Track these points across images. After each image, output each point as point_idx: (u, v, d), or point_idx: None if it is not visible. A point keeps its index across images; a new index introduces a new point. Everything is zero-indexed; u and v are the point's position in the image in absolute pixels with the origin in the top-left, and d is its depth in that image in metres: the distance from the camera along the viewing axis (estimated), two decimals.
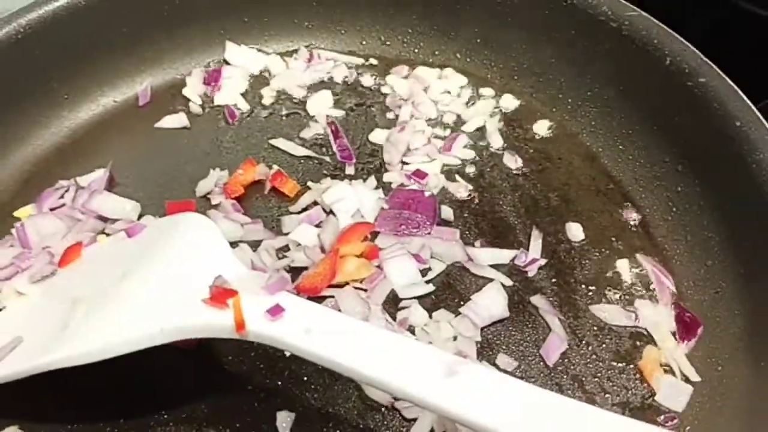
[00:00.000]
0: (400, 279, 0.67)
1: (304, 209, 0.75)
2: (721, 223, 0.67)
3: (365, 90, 0.91)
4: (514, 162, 0.80)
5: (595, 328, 0.65)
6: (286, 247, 0.71)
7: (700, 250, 0.68)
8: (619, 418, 0.46)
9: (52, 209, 0.74)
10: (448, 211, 0.75)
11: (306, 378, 0.61)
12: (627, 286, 0.69)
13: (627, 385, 0.62)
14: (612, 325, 0.66)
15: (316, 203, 0.75)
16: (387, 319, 0.64)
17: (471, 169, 0.80)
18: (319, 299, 0.65)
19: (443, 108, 0.87)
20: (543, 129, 0.84)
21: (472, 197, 0.77)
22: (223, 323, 0.51)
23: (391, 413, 0.59)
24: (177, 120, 0.86)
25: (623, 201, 0.76)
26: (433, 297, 0.67)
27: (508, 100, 0.88)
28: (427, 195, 0.75)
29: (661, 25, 0.74)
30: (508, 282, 0.68)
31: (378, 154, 0.82)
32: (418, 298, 0.67)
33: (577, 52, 0.82)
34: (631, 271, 0.70)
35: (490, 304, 0.66)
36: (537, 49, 0.86)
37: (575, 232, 0.73)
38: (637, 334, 0.65)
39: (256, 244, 0.71)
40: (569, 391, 0.61)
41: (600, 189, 0.78)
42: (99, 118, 0.87)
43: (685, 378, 0.61)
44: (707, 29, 0.84)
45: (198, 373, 0.62)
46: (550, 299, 0.67)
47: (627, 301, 0.67)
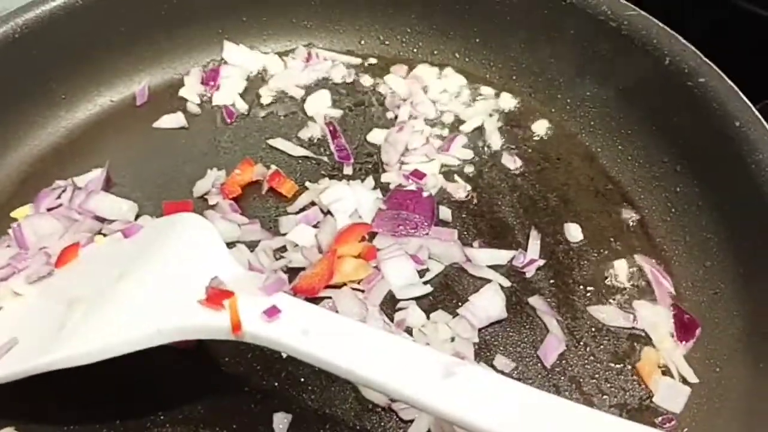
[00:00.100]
0: (398, 280, 0.67)
1: (301, 209, 0.75)
2: (720, 223, 0.67)
3: (364, 90, 0.90)
4: (513, 162, 0.80)
5: (593, 329, 0.65)
6: (284, 248, 0.71)
7: (699, 250, 0.68)
8: (616, 420, 0.46)
9: (49, 209, 0.74)
10: (446, 212, 0.74)
11: (303, 379, 0.61)
12: (625, 287, 0.68)
13: (625, 386, 0.61)
14: (610, 326, 0.65)
15: (313, 203, 0.75)
16: (384, 320, 0.64)
17: (469, 170, 0.80)
18: (316, 300, 0.65)
19: (442, 108, 0.87)
20: (542, 129, 0.84)
21: (470, 197, 0.77)
22: (220, 324, 0.51)
23: (388, 414, 0.59)
24: (175, 120, 0.86)
25: (622, 201, 0.76)
26: (430, 298, 0.67)
27: (507, 100, 0.88)
28: (425, 195, 0.75)
29: (661, 24, 0.74)
30: (506, 283, 0.68)
31: (376, 154, 0.82)
32: (416, 299, 0.67)
33: (576, 51, 0.82)
34: (629, 271, 0.70)
35: (488, 305, 0.66)
36: (536, 48, 0.86)
37: (574, 232, 0.73)
38: (635, 335, 0.65)
39: (253, 245, 0.71)
40: (567, 393, 0.61)
41: (599, 189, 0.77)
42: (96, 118, 0.87)
43: (683, 379, 0.61)
44: (706, 29, 0.83)
45: (195, 374, 0.62)
46: (548, 300, 0.67)
47: (625, 302, 0.67)
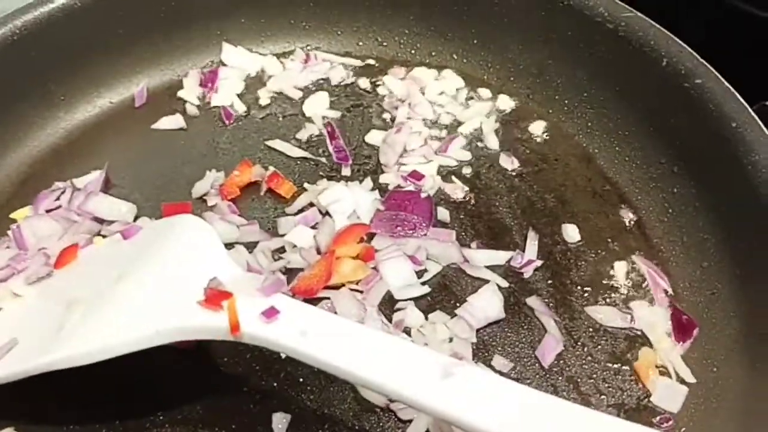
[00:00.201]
0: (396, 280, 0.67)
1: (300, 211, 0.75)
2: (717, 224, 0.67)
3: (362, 91, 0.90)
4: (511, 163, 0.81)
5: (591, 330, 0.65)
6: (282, 249, 0.71)
7: (696, 251, 0.68)
8: (614, 420, 0.46)
9: (48, 211, 0.74)
10: (444, 213, 0.75)
11: (302, 380, 0.61)
12: (623, 288, 0.69)
13: (622, 386, 0.62)
14: (607, 327, 0.66)
15: (312, 205, 0.75)
16: (383, 321, 0.64)
17: (467, 171, 0.80)
18: (314, 301, 0.65)
19: (440, 109, 0.87)
20: (539, 130, 0.84)
21: (468, 198, 0.77)
22: (218, 325, 0.51)
23: (386, 415, 0.59)
24: (173, 121, 0.86)
25: (619, 202, 0.76)
26: (428, 298, 0.67)
27: (505, 101, 0.88)
28: (423, 196, 0.75)
29: (658, 26, 0.74)
30: (504, 283, 0.68)
31: (374, 155, 0.82)
32: (414, 299, 0.67)
33: (573, 53, 0.82)
34: (627, 272, 0.70)
35: (486, 305, 0.66)
36: (533, 50, 0.86)
37: (571, 233, 0.73)
38: (632, 336, 0.65)
39: (252, 246, 0.71)
40: (564, 393, 0.61)
41: (596, 190, 0.78)
42: (95, 120, 0.87)
43: (680, 379, 0.61)
44: (702, 30, 0.83)
45: (194, 374, 0.62)
46: (546, 301, 0.67)
47: (623, 302, 0.67)
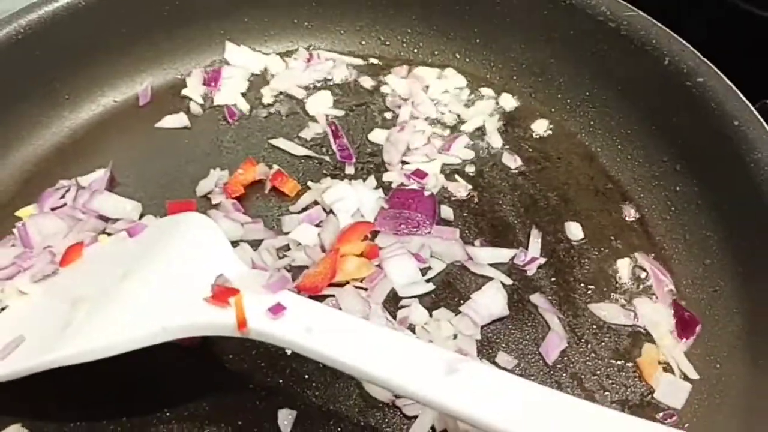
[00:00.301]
0: (401, 278, 0.68)
1: (304, 209, 0.75)
2: (720, 222, 0.67)
3: (365, 90, 0.91)
4: (514, 161, 0.81)
5: (594, 327, 0.66)
6: (287, 247, 0.71)
7: (699, 249, 0.69)
8: (619, 414, 0.46)
9: (53, 209, 0.74)
10: (447, 211, 0.75)
11: (307, 376, 0.62)
12: (626, 285, 0.69)
13: (626, 382, 0.62)
14: (611, 324, 0.66)
15: (316, 203, 0.76)
16: (387, 318, 0.65)
17: (470, 169, 0.80)
18: (319, 298, 0.65)
19: (443, 108, 0.88)
20: (542, 129, 0.85)
21: (471, 197, 0.77)
22: (225, 322, 0.52)
23: (392, 411, 0.59)
24: (177, 120, 0.87)
25: (622, 200, 0.77)
26: (433, 296, 0.68)
27: (507, 100, 0.88)
28: (426, 194, 0.75)
29: (660, 25, 0.75)
30: (508, 281, 0.69)
31: (378, 153, 0.82)
32: (419, 297, 0.67)
33: (575, 52, 0.83)
34: (630, 269, 0.70)
35: (490, 302, 0.66)
36: (536, 49, 0.87)
37: (574, 231, 0.73)
38: (636, 333, 0.65)
39: (256, 244, 0.71)
40: (568, 389, 0.61)
41: (599, 188, 0.78)
42: (99, 118, 0.88)
43: (683, 376, 0.62)
44: (704, 29, 0.84)
45: (199, 371, 0.62)
46: (550, 298, 0.68)
47: (626, 299, 0.68)
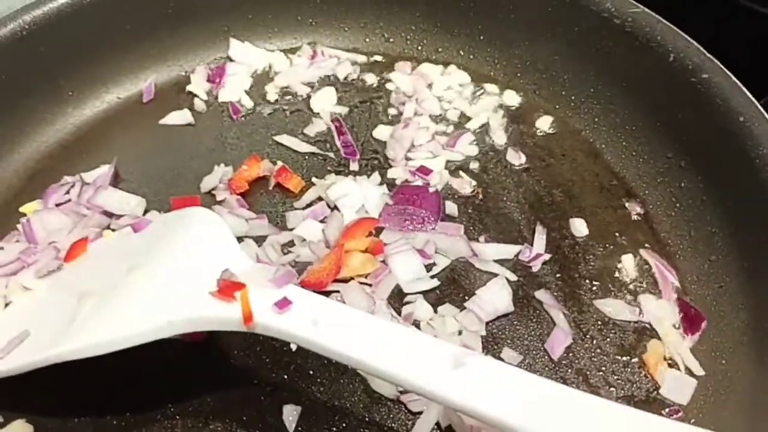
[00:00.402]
0: (405, 274, 0.68)
1: (308, 205, 0.75)
2: (725, 218, 0.67)
3: (369, 87, 0.91)
4: (518, 158, 0.81)
5: (600, 323, 0.66)
6: (291, 243, 0.71)
7: (704, 245, 0.68)
8: (625, 408, 0.46)
9: (57, 205, 0.74)
10: (452, 207, 0.75)
11: (312, 372, 0.62)
12: (631, 281, 0.69)
13: (631, 378, 0.62)
14: (616, 320, 0.66)
15: (320, 199, 0.76)
16: (392, 314, 0.65)
17: (475, 165, 0.80)
18: (324, 294, 0.64)
19: (447, 105, 0.88)
20: (546, 125, 0.85)
21: (476, 193, 0.77)
22: (231, 316, 0.51)
23: (397, 406, 0.59)
24: (181, 116, 0.87)
25: (627, 197, 0.76)
26: (437, 292, 0.68)
27: (511, 97, 0.88)
28: (431, 191, 0.75)
29: (665, 21, 0.74)
30: (513, 277, 0.69)
31: (382, 150, 0.82)
32: (423, 293, 0.67)
33: (580, 48, 0.82)
34: (634, 266, 0.70)
35: (495, 298, 0.66)
36: (540, 45, 0.87)
37: (579, 227, 0.73)
38: (641, 329, 0.65)
39: (261, 240, 0.71)
40: (574, 385, 0.61)
41: (603, 185, 0.78)
42: (104, 115, 0.88)
43: (689, 372, 0.62)
44: (709, 26, 0.84)
45: (204, 367, 0.62)
46: (555, 294, 0.67)
47: (631, 295, 0.68)
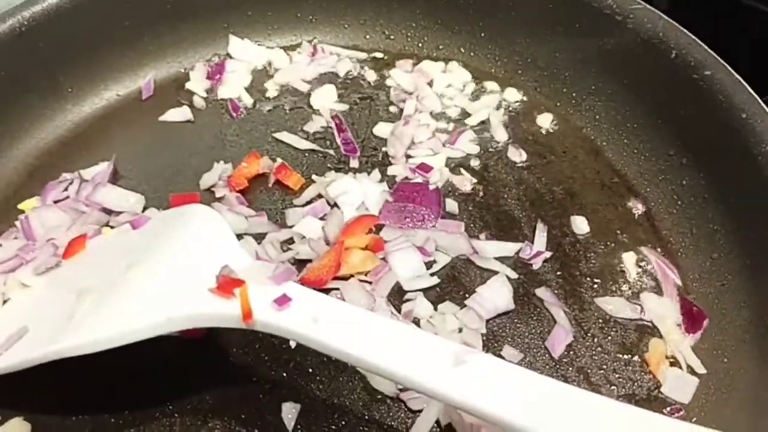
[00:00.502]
0: (405, 271, 0.67)
1: (308, 202, 0.75)
2: (727, 215, 0.67)
3: (369, 84, 0.91)
4: (519, 155, 0.80)
5: (601, 321, 0.65)
6: (291, 240, 0.71)
7: (706, 242, 0.68)
8: (626, 406, 0.46)
9: (56, 202, 0.74)
10: (452, 204, 0.75)
11: (311, 369, 0.61)
12: (632, 279, 0.69)
13: (633, 377, 0.62)
14: (617, 318, 0.65)
15: (320, 196, 0.75)
16: (392, 312, 0.64)
17: (475, 163, 0.80)
18: (324, 291, 0.64)
19: (447, 102, 0.87)
20: (547, 123, 0.84)
21: (476, 190, 0.77)
22: (230, 312, 0.51)
23: (396, 404, 0.59)
24: (180, 113, 0.86)
25: (628, 194, 0.76)
26: (438, 289, 0.67)
27: (512, 94, 0.88)
28: (431, 188, 0.75)
29: (667, 18, 0.74)
30: (513, 275, 0.68)
31: (382, 147, 0.82)
32: (423, 290, 0.67)
33: (581, 45, 0.82)
34: (636, 263, 0.70)
35: (496, 296, 0.66)
36: (541, 43, 0.86)
37: (580, 225, 0.73)
38: (642, 327, 0.65)
39: (260, 237, 0.71)
40: (575, 383, 0.61)
41: (604, 182, 0.78)
42: (103, 112, 0.88)
43: (690, 370, 0.61)
44: (711, 23, 0.83)
45: (203, 364, 0.62)
46: (556, 292, 0.67)
47: (632, 293, 0.67)
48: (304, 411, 0.59)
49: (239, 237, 0.70)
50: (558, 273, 0.69)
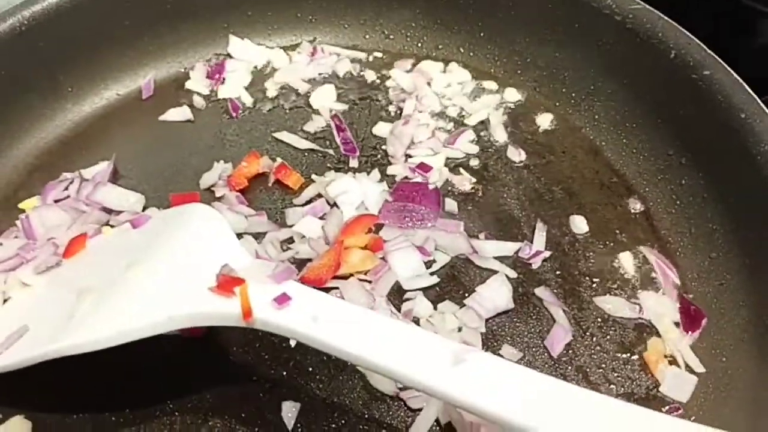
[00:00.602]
0: (405, 271, 0.67)
1: (308, 201, 0.75)
2: (725, 215, 0.67)
3: (369, 84, 0.91)
4: (518, 155, 0.81)
5: (600, 320, 0.65)
6: (291, 239, 0.71)
7: (704, 242, 0.68)
8: (625, 404, 0.46)
9: (56, 201, 0.74)
10: (452, 204, 0.75)
11: (311, 368, 0.61)
12: (631, 278, 0.69)
13: (631, 376, 0.62)
14: (616, 317, 0.66)
15: (320, 196, 0.76)
16: (392, 311, 0.64)
17: (475, 162, 0.80)
18: (323, 291, 0.64)
19: (447, 102, 0.88)
20: (546, 122, 0.85)
21: (476, 190, 0.77)
22: (231, 311, 0.51)
23: (396, 403, 0.59)
24: (180, 113, 0.87)
25: (627, 194, 0.76)
26: (437, 289, 0.67)
27: (512, 94, 0.88)
28: (431, 188, 0.75)
29: (666, 18, 0.74)
30: (513, 274, 0.68)
31: (382, 147, 0.82)
32: (423, 289, 0.67)
33: (580, 45, 0.82)
34: (635, 263, 0.70)
35: (495, 295, 0.66)
36: (540, 43, 0.87)
37: (579, 224, 0.73)
38: (641, 326, 0.65)
39: (260, 236, 0.71)
40: (574, 382, 0.60)
41: (603, 182, 0.78)
42: (103, 111, 0.88)
43: (689, 369, 0.61)
44: (710, 23, 0.84)
45: (203, 363, 0.62)
46: (555, 291, 0.67)
47: (631, 292, 0.68)
48: (304, 410, 0.59)
49: (239, 236, 0.70)
50: (557, 272, 0.69)
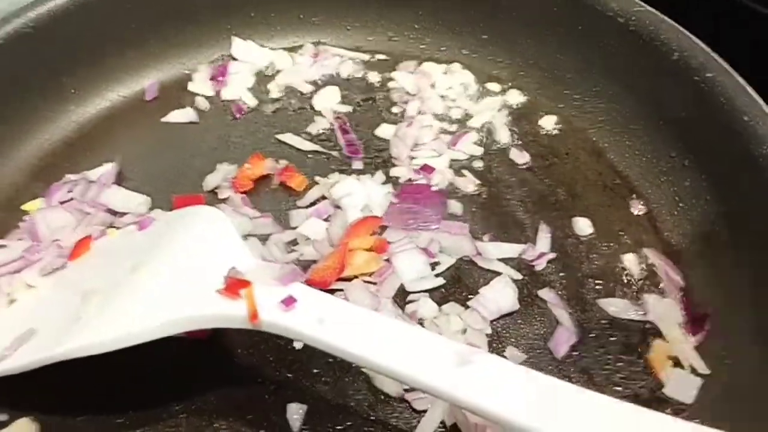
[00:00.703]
0: (409, 273, 0.68)
1: (312, 203, 0.75)
2: (728, 216, 0.67)
3: (372, 85, 0.91)
4: (521, 157, 0.81)
5: (603, 322, 0.66)
6: (295, 241, 0.71)
7: (708, 243, 0.68)
8: (630, 406, 0.46)
9: (61, 203, 0.74)
10: (456, 206, 0.75)
11: (316, 370, 0.61)
12: (635, 280, 0.69)
13: (635, 377, 0.62)
14: (620, 319, 0.66)
15: (324, 198, 0.76)
16: (398, 313, 0.65)
17: (478, 164, 0.80)
18: (328, 293, 0.65)
19: (450, 103, 0.88)
20: (549, 124, 0.85)
21: (479, 192, 0.77)
22: (237, 313, 0.51)
23: (401, 405, 0.59)
24: (184, 115, 0.87)
25: (630, 195, 0.76)
26: (442, 290, 0.68)
27: (515, 96, 0.88)
28: (435, 189, 0.75)
29: (669, 20, 0.74)
30: (517, 276, 0.69)
31: (385, 149, 0.82)
32: (428, 291, 0.67)
33: (583, 47, 0.82)
34: (638, 265, 0.70)
35: (499, 297, 0.66)
36: (543, 44, 0.87)
37: (582, 226, 0.73)
38: (645, 328, 0.65)
39: (265, 238, 0.71)
40: (578, 384, 0.59)
41: (607, 184, 0.78)
42: (107, 113, 0.88)
43: (693, 371, 0.61)
44: (712, 25, 0.84)
45: (208, 365, 0.62)
46: (559, 293, 0.67)
47: (635, 294, 0.68)
48: (310, 412, 0.59)
49: (244, 238, 0.70)
50: (561, 274, 0.69)
